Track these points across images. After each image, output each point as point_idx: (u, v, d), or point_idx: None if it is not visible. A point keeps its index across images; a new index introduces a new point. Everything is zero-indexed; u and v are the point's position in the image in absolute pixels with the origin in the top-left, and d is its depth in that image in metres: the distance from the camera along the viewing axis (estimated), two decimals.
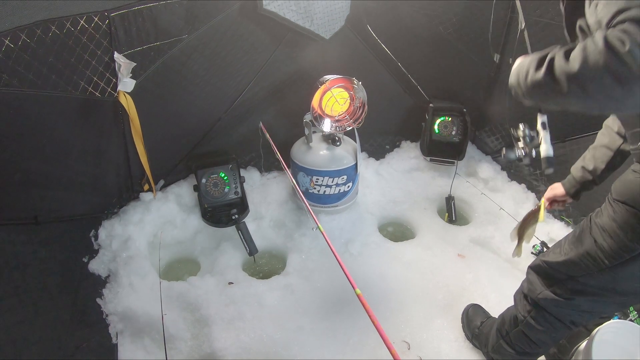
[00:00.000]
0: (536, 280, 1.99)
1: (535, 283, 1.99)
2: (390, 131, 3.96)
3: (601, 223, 1.69)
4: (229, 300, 2.74)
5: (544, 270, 1.96)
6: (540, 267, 1.98)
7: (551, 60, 1.20)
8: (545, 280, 1.95)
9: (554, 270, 1.89)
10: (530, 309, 2.03)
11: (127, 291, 2.66)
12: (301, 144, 3.27)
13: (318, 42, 3.20)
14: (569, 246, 1.84)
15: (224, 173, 3.22)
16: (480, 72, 3.59)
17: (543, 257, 1.97)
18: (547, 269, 1.93)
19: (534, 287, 1.99)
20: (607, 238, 1.65)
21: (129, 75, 2.50)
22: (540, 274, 1.98)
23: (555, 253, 1.90)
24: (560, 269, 1.86)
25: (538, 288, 1.96)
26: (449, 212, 3.54)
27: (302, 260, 3.08)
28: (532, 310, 2.02)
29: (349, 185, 3.25)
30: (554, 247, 1.94)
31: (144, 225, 3.01)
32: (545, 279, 1.96)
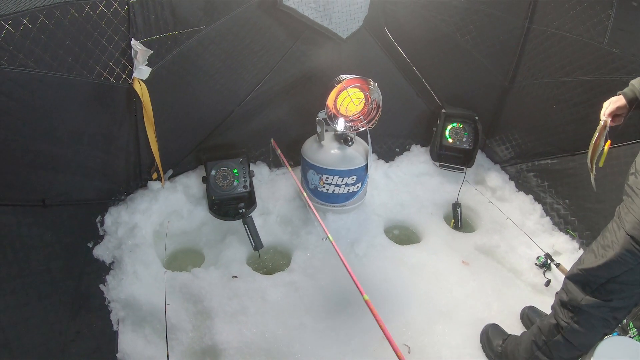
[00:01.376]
0: (575, 288, 2.07)
1: (575, 292, 2.06)
2: (401, 134, 3.95)
3: (634, 219, 1.80)
4: (232, 293, 2.74)
5: (582, 278, 2.03)
6: (578, 275, 2.05)
7: None
8: (585, 287, 2.03)
9: (594, 276, 1.98)
10: (573, 315, 2.08)
11: (131, 279, 2.65)
12: (313, 141, 3.26)
13: (335, 41, 3.20)
14: (603, 249, 1.92)
15: (234, 166, 3.21)
16: (494, 81, 3.59)
17: (579, 265, 2.06)
18: (585, 276, 2.01)
19: (575, 296, 2.06)
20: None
21: (144, 63, 2.50)
22: (579, 282, 2.06)
23: (589, 259, 1.99)
24: (600, 273, 1.94)
25: (579, 296, 2.03)
26: (455, 219, 3.54)
27: (307, 258, 3.07)
28: (575, 316, 2.07)
29: (358, 185, 3.25)
30: (587, 254, 2.03)
31: (151, 214, 3.00)
32: (584, 285, 2.03)
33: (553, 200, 3.46)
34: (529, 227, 3.38)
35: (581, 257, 2.08)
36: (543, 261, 3.06)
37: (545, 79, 3.30)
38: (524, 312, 2.78)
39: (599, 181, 2.91)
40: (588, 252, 2.03)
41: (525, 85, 3.47)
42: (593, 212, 3.11)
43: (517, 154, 3.76)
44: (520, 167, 3.73)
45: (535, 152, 3.57)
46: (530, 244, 3.19)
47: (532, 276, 3.07)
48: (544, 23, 3.17)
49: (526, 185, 3.69)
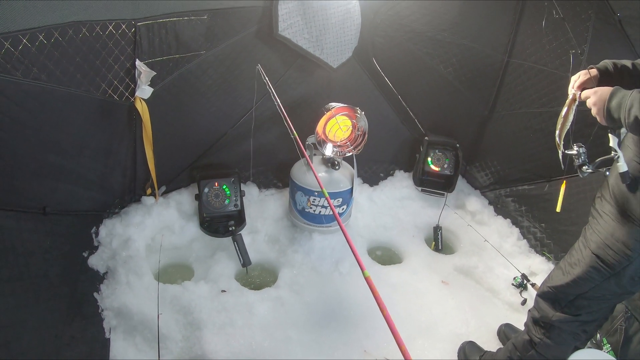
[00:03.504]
0: (546, 306, 2.19)
1: (546, 309, 2.18)
2: (386, 160, 4.12)
3: (599, 239, 1.94)
4: (221, 306, 2.83)
5: (552, 296, 2.16)
6: (548, 293, 2.17)
7: None
8: (555, 303, 2.15)
9: (563, 293, 2.10)
10: (545, 331, 2.21)
11: (124, 289, 2.75)
12: (301, 164, 3.41)
13: (325, 69, 3.39)
14: (571, 267, 2.06)
15: (226, 185, 3.34)
16: (475, 110, 3.78)
17: (548, 282, 2.18)
18: (555, 293, 2.14)
19: (546, 313, 2.18)
20: (609, 251, 1.90)
21: (147, 83, 2.65)
22: (549, 299, 2.18)
23: (558, 277, 2.12)
24: (569, 290, 2.07)
25: (550, 312, 2.16)
26: (436, 241, 3.68)
27: (293, 275, 3.18)
28: (547, 332, 2.20)
29: (344, 207, 3.39)
30: (555, 272, 2.16)
31: (144, 228, 3.10)
32: (554, 302, 2.15)
33: (530, 223, 3.61)
34: (507, 249, 3.53)
35: (550, 274, 2.21)
36: (520, 281, 3.19)
37: (523, 109, 3.48)
38: (501, 329, 2.90)
39: (573, 205, 3.10)
40: (556, 270, 2.17)
41: (504, 114, 3.66)
42: (567, 234, 3.26)
43: (496, 180, 3.93)
44: (499, 192, 3.90)
45: (513, 179, 3.74)
46: (508, 265, 3.32)
47: (509, 295, 3.20)
48: (522, 57, 3.38)
49: (504, 210, 3.85)
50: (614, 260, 1.89)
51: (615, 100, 1.69)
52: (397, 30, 3.55)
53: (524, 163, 3.60)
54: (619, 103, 1.67)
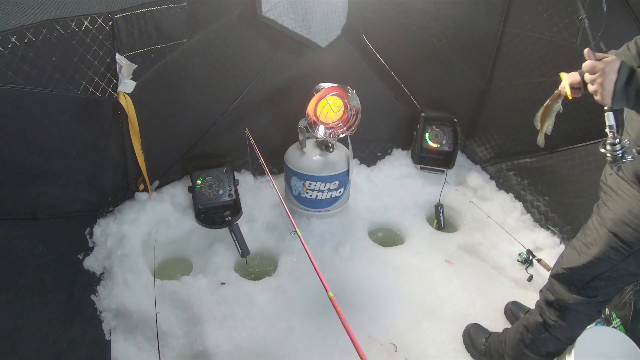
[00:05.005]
0: (561, 288, 2.09)
1: (562, 291, 2.08)
2: (382, 139, 4.05)
3: (616, 217, 1.83)
4: (221, 299, 2.79)
5: (567, 277, 2.06)
6: (563, 274, 2.07)
7: None
8: (571, 285, 2.06)
9: (579, 275, 2.00)
10: (560, 313, 2.13)
11: (121, 288, 2.71)
12: (295, 149, 3.34)
13: (314, 50, 3.28)
14: (586, 247, 1.95)
15: (219, 175, 3.28)
16: (471, 83, 3.68)
17: (562, 264, 2.06)
18: (570, 274, 2.04)
19: (561, 295, 2.08)
20: (627, 228, 1.79)
21: (129, 77, 2.56)
22: (564, 281, 2.08)
23: (573, 257, 2.01)
24: (585, 271, 1.97)
25: (565, 295, 2.07)
26: (438, 219, 3.61)
27: (293, 262, 3.13)
28: (562, 314, 2.12)
29: (341, 190, 3.32)
30: (569, 252, 2.05)
31: (139, 224, 3.05)
32: (570, 284, 2.06)
33: (533, 197, 3.54)
34: (511, 225, 3.46)
35: (563, 255, 2.10)
36: (525, 257, 3.13)
37: (521, 80, 3.38)
38: (508, 307, 2.85)
39: (577, 177, 3.04)
40: (570, 250, 2.06)
41: (502, 86, 3.55)
42: (572, 207, 3.19)
43: (496, 154, 3.85)
44: (500, 166, 3.82)
45: (514, 152, 3.66)
46: (512, 241, 3.26)
47: (515, 272, 3.15)
48: (518, 25, 3.25)
49: (506, 184, 3.78)
50: (633, 238, 1.79)
51: None
52: (387, 4, 3.43)
53: (524, 135, 3.51)
54: None
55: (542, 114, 2.14)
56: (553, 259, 3.05)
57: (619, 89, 1.49)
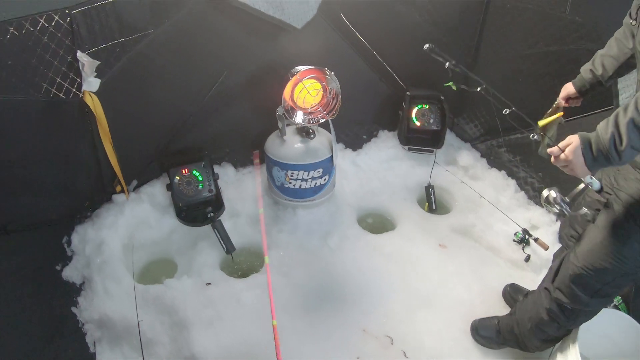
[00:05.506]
0: (580, 293, 1.92)
1: (581, 296, 1.92)
2: (367, 121, 3.90)
3: None
4: (207, 301, 2.68)
5: (588, 279, 1.87)
6: (583, 277, 1.88)
7: None
8: (588, 288, 1.90)
9: (601, 278, 1.85)
10: (576, 316, 2.02)
11: (103, 298, 2.60)
12: (275, 137, 3.20)
13: (290, 32, 3.10)
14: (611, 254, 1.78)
15: (196, 171, 3.14)
16: (457, 58, 3.44)
17: (581, 262, 1.87)
18: (589, 277, 1.86)
19: (580, 299, 1.93)
20: None
21: (93, 74, 2.41)
22: (583, 284, 1.90)
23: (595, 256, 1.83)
24: (610, 274, 1.82)
25: (584, 299, 1.92)
26: (429, 202, 3.50)
27: (280, 256, 3.02)
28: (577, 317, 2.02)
29: (325, 178, 3.20)
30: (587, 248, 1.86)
31: (118, 228, 2.93)
32: (589, 287, 1.89)
33: (526, 174, 3.44)
34: (504, 203, 3.36)
35: (581, 252, 1.89)
36: (521, 237, 3.05)
37: (509, 52, 3.26)
38: (506, 290, 2.77)
39: None
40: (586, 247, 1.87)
41: (488, 60, 3.42)
42: (568, 182, 2.96)
43: (486, 131, 3.73)
44: (490, 143, 3.70)
45: (504, 127, 3.49)
46: (507, 221, 3.16)
47: (511, 252, 3.07)
48: None
49: (498, 162, 3.67)
50: None
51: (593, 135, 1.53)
52: None
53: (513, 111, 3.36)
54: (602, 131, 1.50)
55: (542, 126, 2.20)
56: (550, 237, 3.02)
57: (590, 165, 1.56)
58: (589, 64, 2.08)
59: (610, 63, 1.97)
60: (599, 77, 2.03)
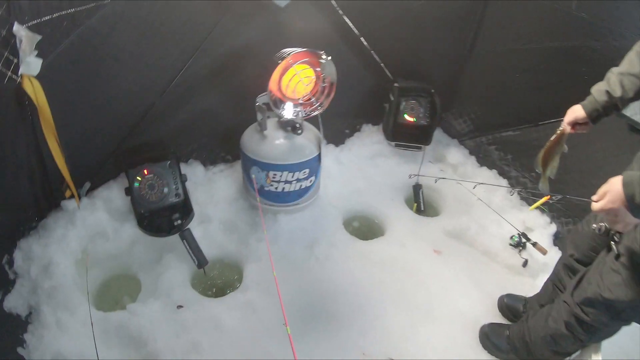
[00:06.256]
0: (599, 313, 1.82)
1: (602, 318, 1.83)
2: (350, 113, 3.59)
3: None
4: (179, 328, 2.30)
5: (609, 303, 1.77)
6: (604, 301, 1.78)
7: None
8: (611, 310, 1.80)
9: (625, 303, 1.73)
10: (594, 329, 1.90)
11: (55, 333, 2.14)
12: (253, 132, 2.80)
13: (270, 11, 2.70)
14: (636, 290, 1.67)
15: (161, 171, 2.68)
16: (451, 50, 3.33)
17: (605, 293, 1.75)
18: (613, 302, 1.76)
19: (601, 319, 1.83)
20: None
21: (33, 53, 1.91)
22: (603, 305, 1.80)
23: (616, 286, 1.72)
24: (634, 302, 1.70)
25: (605, 319, 1.83)
26: (417, 202, 3.26)
27: (260, 270, 2.66)
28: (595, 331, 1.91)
29: (312, 179, 2.86)
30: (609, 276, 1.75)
31: (69, 242, 2.45)
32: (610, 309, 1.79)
33: (518, 173, 3.28)
34: (497, 204, 3.17)
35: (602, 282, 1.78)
36: (517, 240, 2.86)
37: (508, 46, 3.06)
38: (502, 301, 2.56)
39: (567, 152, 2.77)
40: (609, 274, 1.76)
41: (485, 53, 3.23)
42: (562, 183, 2.90)
43: (476, 127, 3.54)
44: (479, 140, 3.52)
45: (496, 124, 3.37)
46: (501, 222, 2.99)
47: (508, 257, 2.89)
48: None
49: (488, 160, 3.48)
50: None
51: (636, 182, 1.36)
52: None
53: (508, 107, 3.23)
54: None
55: (543, 156, 2.04)
56: (545, 240, 2.89)
57: (635, 211, 1.40)
58: (604, 84, 1.83)
59: (631, 82, 1.73)
60: (616, 100, 1.78)
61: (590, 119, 1.87)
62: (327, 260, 2.77)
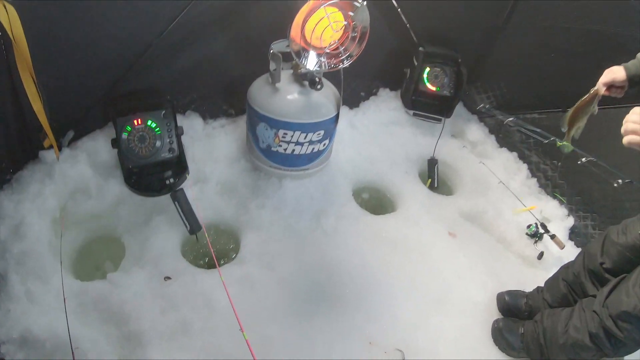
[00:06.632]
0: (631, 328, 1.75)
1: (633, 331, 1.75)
2: (367, 75, 3.28)
3: None
4: (167, 304, 2.06)
5: None
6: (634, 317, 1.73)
7: None
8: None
9: None
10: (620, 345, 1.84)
11: (24, 306, 1.87)
12: (263, 84, 2.47)
13: None
14: None
15: (153, 122, 2.36)
16: (485, 18, 3.04)
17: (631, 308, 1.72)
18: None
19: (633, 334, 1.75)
20: None
21: None
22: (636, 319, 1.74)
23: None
24: None
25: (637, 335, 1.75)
26: (432, 178, 3.04)
27: (261, 240, 2.43)
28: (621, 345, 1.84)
29: (325, 143, 2.58)
30: None
31: (45, 199, 2.16)
32: None
33: (539, 159, 3.08)
34: (515, 189, 2.97)
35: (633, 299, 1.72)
36: (534, 230, 2.67)
37: (546, 22, 2.80)
38: (502, 300, 2.38)
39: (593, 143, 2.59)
40: None
41: (521, 27, 2.97)
42: (584, 175, 2.75)
43: (499, 105, 3.29)
44: (501, 119, 3.26)
45: (521, 104, 3.13)
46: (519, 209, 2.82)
47: (523, 247, 2.71)
48: None
49: (508, 141, 3.26)
50: None
51: None
52: None
53: (537, 87, 3.01)
54: None
55: (572, 114, 1.92)
56: (561, 233, 2.76)
57: None
58: None
59: None
60: None
61: (630, 82, 1.77)
62: (335, 233, 2.56)
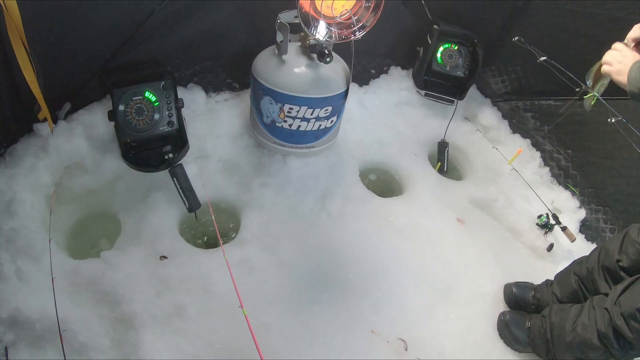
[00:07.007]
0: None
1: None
2: (378, 52, 3.14)
3: None
4: (162, 285, 2.00)
5: None
6: None
7: None
8: None
9: None
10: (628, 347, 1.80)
11: (14, 285, 1.81)
12: (270, 55, 2.36)
13: None
14: None
15: (152, 93, 2.24)
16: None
17: None
18: None
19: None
20: None
21: None
22: None
23: None
24: None
25: None
26: (442, 161, 2.96)
27: (263, 221, 2.36)
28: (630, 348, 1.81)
29: (333, 120, 2.48)
30: None
31: (38, 175, 2.07)
32: None
33: (553, 148, 2.98)
34: (527, 178, 2.89)
35: None
36: (545, 221, 2.60)
37: (569, 5, 2.66)
38: (510, 291, 2.31)
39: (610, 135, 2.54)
40: None
41: (543, 8, 2.80)
42: (599, 167, 2.68)
43: (513, 89, 3.16)
44: (515, 104, 3.17)
45: (537, 90, 3.01)
46: (530, 198, 2.75)
47: (533, 238, 2.63)
48: None
49: (522, 127, 3.15)
50: None
51: None
52: None
53: (554, 74, 2.80)
54: None
55: (597, 70, 1.93)
56: (572, 225, 2.71)
57: None
58: None
59: None
60: None
61: None
62: (340, 216, 2.49)
